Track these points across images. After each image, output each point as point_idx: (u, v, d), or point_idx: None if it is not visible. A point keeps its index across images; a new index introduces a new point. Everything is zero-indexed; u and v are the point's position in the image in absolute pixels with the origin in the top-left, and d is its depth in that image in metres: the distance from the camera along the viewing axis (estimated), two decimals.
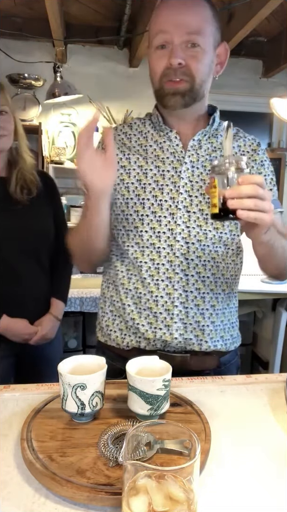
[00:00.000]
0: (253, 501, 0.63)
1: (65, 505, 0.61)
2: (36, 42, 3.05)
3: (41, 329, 1.49)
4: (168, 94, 0.99)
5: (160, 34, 0.97)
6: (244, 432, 0.80)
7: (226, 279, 1.08)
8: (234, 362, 1.15)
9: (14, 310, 1.45)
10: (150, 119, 1.12)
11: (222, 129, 1.05)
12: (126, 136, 1.12)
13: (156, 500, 0.51)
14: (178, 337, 1.03)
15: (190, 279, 1.03)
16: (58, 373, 0.77)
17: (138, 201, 1.05)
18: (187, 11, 0.96)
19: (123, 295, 1.07)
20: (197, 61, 0.97)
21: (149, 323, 1.04)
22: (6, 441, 0.75)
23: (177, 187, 1.04)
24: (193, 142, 1.06)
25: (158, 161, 1.06)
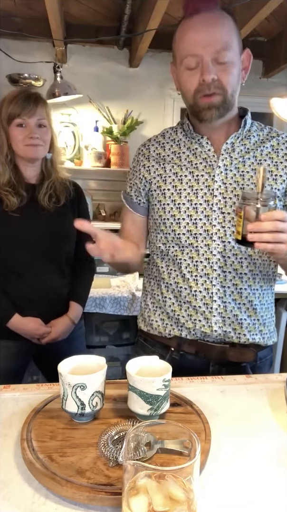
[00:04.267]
0: (253, 501, 0.63)
1: (65, 505, 0.61)
2: (36, 42, 3.04)
3: (54, 331, 1.54)
4: (204, 108, 1.03)
5: (189, 57, 1.00)
6: (244, 432, 0.80)
7: (263, 275, 1.12)
8: (269, 358, 1.20)
9: (30, 310, 1.51)
10: (181, 127, 1.16)
11: (254, 130, 1.13)
12: (160, 145, 1.17)
13: (156, 500, 0.51)
14: (217, 330, 1.08)
15: (227, 275, 1.08)
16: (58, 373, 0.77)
17: (175, 206, 1.10)
18: (213, 29, 0.99)
19: (165, 289, 1.15)
20: (227, 74, 1.01)
21: (189, 315, 1.10)
22: (6, 441, 0.75)
23: (211, 190, 1.08)
24: (226, 145, 1.09)
25: (191, 167, 1.11)
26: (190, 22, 1.01)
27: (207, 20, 0.99)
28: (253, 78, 3.51)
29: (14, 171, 1.50)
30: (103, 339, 2.80)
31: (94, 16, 2.93)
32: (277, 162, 1.10)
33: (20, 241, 1.48)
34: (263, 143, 1.11)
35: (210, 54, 0.98)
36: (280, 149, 1.11)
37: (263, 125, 1.17)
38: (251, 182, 1.07)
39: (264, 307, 1.14)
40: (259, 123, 1.17)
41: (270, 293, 1.17)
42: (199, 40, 0.99)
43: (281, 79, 3.46)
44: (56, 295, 1.57)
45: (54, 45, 3.05)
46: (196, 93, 1.02)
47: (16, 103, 1.44)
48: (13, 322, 1.49)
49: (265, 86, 3.48)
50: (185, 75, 1.03)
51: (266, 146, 1.11)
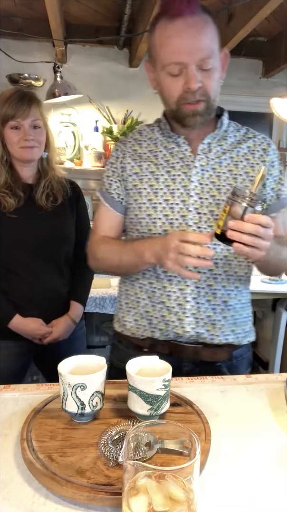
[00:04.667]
0: (253, 501, 0.63)
1: (65, 505, 0.61)
2: (36, 42, 3.05)
3: (55, 331, 1.54)
4: (188, 115, 1.02)
5: (173, 65, 0.98)
6: (244, 432, 0.80)
7: (239, 276, 1.11)
8: (246, 356, 1.19)
9: (30, 310, 1.51)
10: (158, 125, 1.15)
11: (231, 130, 1.13)
12: (137, 142, 1.15)
13: (156, 500, 0.51)
14: (190, 331, 1.07)
15: (202, 276, 1.07)
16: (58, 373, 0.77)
17: (151, 205, 1.09)
18: (198, 36, 0.96)
19: (138, 289, 1.13)
20: (211, 81, 1.00)
21: (162, 316, 1.09)
22: (6, 441, 0.75)
23: (187, 190, 1.07)
24: (203, 145, 1.09)
25: (168, 167, 1.09)
26: (172, 26, 0.97)
27: (191, 27, 0.96)
28: (253, 78, 3.51)
29: (11, 172, 1.49)
30: (103, 339, 2.80)
31: (94, 16, 2.93)
32: (253, 164, 1.10)
33: (18, 242, 1.48)
34: (239, 144, 1.11)
35: (195, 62, 0.97)
36: (256, 151, 1.11)
37: (240, 126, 1.17)
38: (228, 183, 1.06)
39: (238, 307, 1.13)
40: (236, 123, 1.16)
41: (245, 293, 1.17)
42: (184, 48, 0.96)
43: (281, 79, 3.46)
44: (56, 295, 1.57)
45: (54, 45, 3.05)
46: (180, 100, 1.01)
47: (10, 104, 1.44)
48: (14, 322, 1.49)
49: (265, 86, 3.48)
50: (167, 81, 1.01)
51: (242, 147, 1.11)
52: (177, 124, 1.08)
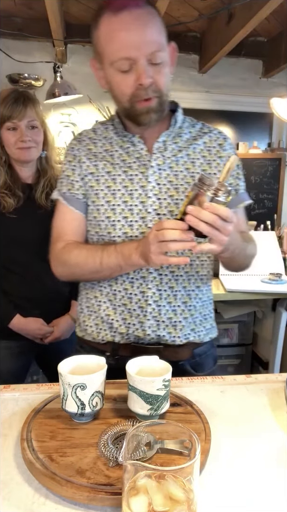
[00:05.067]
0: (253, 501, 0.63)
1: (65, 505, 0.61)
2: (36, 42, 3.05)
3: (57, 330, 1.54)
4: (142, 113, 0.99)
5: (123, 60, 0.94)
6: (244, 432, 0.80)
7: (200, 276, 1.10)
8: (210, 353, 1.17)
9: (31, 310, 1.51)
10: (112, 123, 1.11)
11: (186, 126, 1.10)
12: (92, 141, 1.11)
13: (156, 500, 0.51)
14: (151, 334, 1.06)
15: (164, 278, 1.05)
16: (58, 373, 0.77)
17: (109, 207, 1.06)
18: (146, 29, 0.93)
19: (98, 293, 1.10)
20: (162, 75, 0.97)
21: (123, 319, 1.07)
22: (6, 441, 0.75)
23: (145, 191, 1.04)
24: (158, 144, 1.06)
25: (125, 167, 1.06)
26: (117, 20, 0.93)
27: (137, 19, 0.92)
28: (253, 78, 3.51)
29: (10, 172, 1.50)
30: None
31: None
32: (210, 160, 1.08)
33: (19, 242, 1.48)
34: (195, 140, 1.09)
35: (145, 56, 0.93)
36: (212, 147, 1.09)
37: (196, 121, 1.14)
38: (185, 182, 1.05)
39: (198, 306, 1.11)
40: (192, 119, 1.14)
41: (206, 291, 1.14)
42: (132, 42, 0.92)
43: (281, 79, 3.46)
44: (57, 295, 1.57)
45: (54, 45, 3.05)
46: (133, 97, 0.97)
47: (6, 105, 1.44)
48: (15, 322, 1.49)
49: (265, 86, 3.48)
50: (117, 78, 0.97)
51: (198, 143, 1.08)
52: (131, 122, 1.04)
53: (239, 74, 3.42)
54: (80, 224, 1.11)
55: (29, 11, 2.85)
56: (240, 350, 2.89)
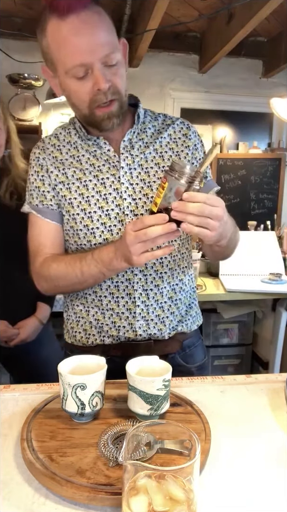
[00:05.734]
0: (253, 501, 0.63)
1: (65, 505, 0.61)
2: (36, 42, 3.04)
3: (22, 332, 1.50)
4: (103, 119, 0.96)
5: (77, 67, 0.90)
6: (244, 432, 0.80)
7: (182, 269, 1.11)
8: (199, 344, 1.18)
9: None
10: (74, 127, 1.07)
11: (149, 120, 1.08)
12: (56, 148, 1.07)
13: (156, 500, 0.51)
14: (142, 333, 1.06)
15: (149, 277, 1.05)
16: (58, 373, 0.77)
17: (86, 216, 1.03)
18: (96, 31, 0.89)
19: (84, 300, 1.09)
20: (119, 77, 0.95)
21: (113, 322, 1.07)
22: (6, 441, 0.75)
23: (119, 193, 1.02)
24: (124, 143, 1.03)
25: (95, 171, 1.03)
26: (65, 25, 0.89)
27: (86, 23, 0.88)
28: (253, 78, 3.51)
29: None
30: None
31: None
32: (178, 152, 1.06)
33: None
34: (160, 133, 1.06)
35: (99, 60, 0.90)
36: (178, 138, 1.07)
37: (157, 113, 1.11)
38: (158, 178, 1.02)
39: (183, 297, 1.11)
40: (153, 111, 1.11)
41: (188, 280, 1.14)
42: (84, 47, 0.88)
43: (281, 79, 3.46)
44: (23, 296, 1.51)
45: None
46: (92, 103, 0.94)
47: None
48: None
49: (265, 86, 3.48)
50: (73, 86, 0.94)
51: (163, 137, 1.06)
52: (93, 129, 1.02)
53: (239, 74, 3.42)
54: (58, 235, 1.08)
55: (29, 11, 2.85)
56: (240, 350, 2.89)
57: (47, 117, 3.19)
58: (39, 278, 1.08)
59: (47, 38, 0.94)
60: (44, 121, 3.13)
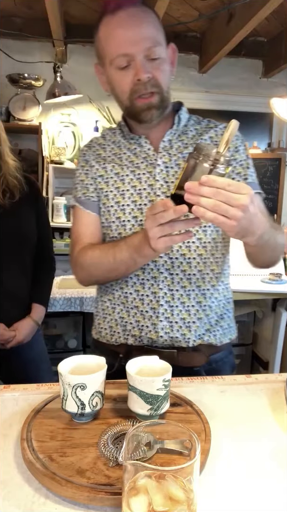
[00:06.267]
0: (253, 501, 0.63)
1: (65, 505, 0.61)
2: (36, 42, 3.05)
3: (19, 334, 1.48)
4: (143, 110, 1.00)
5: (121, 57, 0.96)
6: (244, 432, 0.80)
7: (216, 274, 1.08)
8: (227, 360, 1.14)
9: None
10: (120, 128, 1.14)
11: (192, 124, 1.10)
12: (101, 146, 1.13)
13: (156, 500, 0.50)
14: (164, 336, 1.04)
15: (175, 277, 1.04)
16: (58, 373, 0.77)
17: (119, 208, 1.06)
18: (141, 25, 0.96)
19: (111, 295, 1.10)
20: (161, 71, 0.98)
21: (137, 321, 1.06)
22: (6, 441, 0.75)
23: (153, 189, 1.04)
24: (164, 143, 1.07)
25: (133, 167, 1.07)
26: (114, 19, 0.97)
27: (132, 17, 0.96)
28: (253, 78, 3.51)
29: None
30: None
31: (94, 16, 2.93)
32: None
33: None
34: (201, 135, 1.08)
35: (142, 52, 0.95)
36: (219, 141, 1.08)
37: (202, 118, 1.14)
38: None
39: (214, 305, 1.08)
40: (197, 117, 1.14)
41: (223, 289, 1.11)
42: (128, 38, 0.95)
43: (281, 79, 3.47)
44: (19, 298, 1.51)
45: (54, 45, 3.05)
46: (132, 94, 0.98)
47: None
48: None
49: (265, 86, 3.49)
50: (117, 76, 0.99)
51: (204, 138, 1.08)
52: (134, 121, 1.05)
53: (239, 74, 3.42)
54: (97, 225, 1.11)
55: (29, 11, 2.85)
56: (240, 350, 2.89)
57: (47, 117, 3.20)
58: (76, 266, 1.11)
59: (99, 34, 1.01)
60: (44, 121, 3.13)
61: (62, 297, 2.47)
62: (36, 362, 1.56)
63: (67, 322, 2.66)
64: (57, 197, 3.10)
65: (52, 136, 3.16)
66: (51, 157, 3.07)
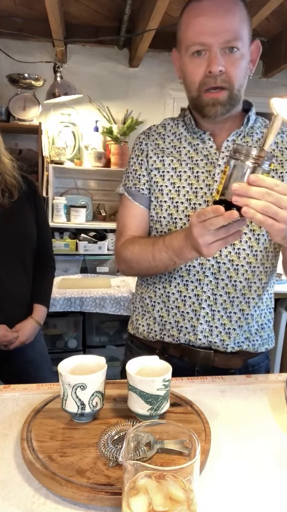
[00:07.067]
0: (253, 501, 0.63)
1: (65, 505, 0.61)
2: (36, 42, 3.05)
3: (21, 334, 1.48)
4: (208, 104, 0.96)
5: (197, 45, 0.92)
6: (244, 432, 0.80)
7: (263, 284, 1.05)
8: (264, 365, 1.14)
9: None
10: (183, 119, 1.10)
11: (258, 126, 1.05)
12: (161, 136, 1.10)
13: (156, 500, 0.50)
14: (202, 339, 1.04)
15: (220, 282, 1.02)
16: (58, 373, 0.77)
17: (172, 204, 1.04)
18: (225, 16, 0.91)
19: (153, 293, 1.10)
20: (236, 67, 0.94)
21: (176, 321, 1.06)
22: (6, 441, 0.75)
23: (211, 190, 1.02)
24: (227, 143, 1.03)
25: (192, 164, 1.04)
26: (199, 6, 0.92)
27: (218, 6, 0.90)
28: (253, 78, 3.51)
29: None
30: (103, 339, 2.80)
31: (94, 16, 2.93)
32: (282, 161, 1.03)
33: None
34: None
35: (219, 44, 0.91)
36: (285, 148, 1.04)
37: (268, 122, 1.10)
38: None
39: (256, 314, 1.07)
40: (264, 119, 1.11)
41: (267, 298, 1.10)
42: (209, 28, 0.90)
43: (281, 79, 3.46)
44: (18, 298, 1.50)
45: (54, 45, 3.05)
46: (201, 86, 0.95)
47: None
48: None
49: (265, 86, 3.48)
50: (190, 65, 0.95)
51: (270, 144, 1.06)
52: (198, 114, 1.02)
53: None
54: (143, 219, 1.09)
55: (29, 11, 2.85)
56: None
57: (47, 117, 3.19)
58: (119, 258, 1.11)
59: (181, 20, 0.97)
60: (44, 121, 3.13)
61: (62, 297, 2.47)
62: (37, 362, 1.56)
63: (67, 322, 2.66)
64: (57, 197, 3.09)
65: (52, 136, 3.16)
66: (51, 157, 3.07)
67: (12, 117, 2.99)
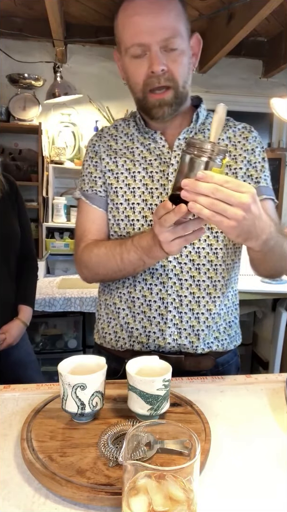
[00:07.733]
0: (253, 501, 0.63)
1: (65, 505, 0.61)
2: (36, 42, 3.05)
3: (9, 336, 1.48)
4: (155, 106, 0.95)
5: (135, 46, 0.91)
6: (244, 432, 0.80)
7: (226, 281, 1.05)
8: (233, 362, 1.13)
9: None
10: (134, 120, 1.08)
11: (210, 122, 1.01)
12: (113, 137, 1.08)
13: (156, 500, 0.50)
14: (171, 342, 1.02)
15: (184, 283, 1.01)
16: (58, 373, 0.77)
17: (129, 206, 1.02)
18: (160, 14, 0.89)
19: (117, 299, 1.06)
20: (178, 64, 0.92)
21: (143, 327, 1.03)
22: (6, 441, 0.75)
23: (166, 190, 1.01)
24: (179, 141, 1.01)
25: (145, 164, 1.03)
26: (133, 5, 0.90)
27: (152, 4, 0.88)
28: (253, 78, 3.51)
29: None
30: None
31: (94, 16, 2.93)
32: (235, 156, 1.02)
33: None
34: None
35: (158, 43, 0.89)
36: (237, 142, 1.02)
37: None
38: None
39: (222, 313, 1.06)
40: None
41: (232, 295, 1.08)
42: (145, 27, 0.88)
43: (281, 79, 3.46)
44: (7, 301, 1.50)
45: (54, 45, 3.05)
46: (145, 86, 0.93)
47: None
48: None
49: (265, 86, 3.48)
50: (131, 66, 0.93)
51: (222, 138, 1.02)
52: (146, 116, 1.00)
53: (239, 74, 3.42)
54: (103, 222, 1.07)
55: (29, 11, 2.85)
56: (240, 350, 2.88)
57: (47, 117, 3.19)
58: (81, 264, 1.06)
59: (117, 20, 0.95)
60: (44, 121, 3.13)
61: (62, 297, 2.47)
62: (24, 362, 1.56)
63: (67, 322, 2.66)
64: (57, 197, 3.09)
65: (52, 136, 3.16)
66: (51, 157, 3.07)
67: (12, 117, 2.99)
